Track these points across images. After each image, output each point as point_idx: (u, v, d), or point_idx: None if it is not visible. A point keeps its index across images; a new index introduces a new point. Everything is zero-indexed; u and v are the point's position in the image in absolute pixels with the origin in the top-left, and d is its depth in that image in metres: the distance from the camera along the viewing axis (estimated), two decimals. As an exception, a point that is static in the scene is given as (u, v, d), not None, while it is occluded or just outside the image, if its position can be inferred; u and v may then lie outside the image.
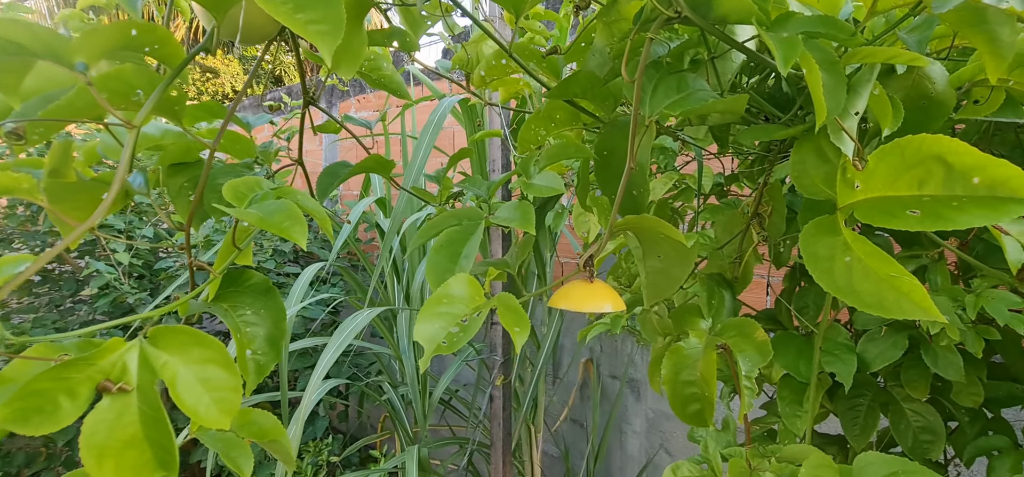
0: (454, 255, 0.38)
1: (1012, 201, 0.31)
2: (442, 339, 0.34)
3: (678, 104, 0.38)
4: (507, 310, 0.35)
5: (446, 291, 0.36)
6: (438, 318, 0.34)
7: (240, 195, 0.37)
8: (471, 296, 0.36)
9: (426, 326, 0.34)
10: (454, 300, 0.36)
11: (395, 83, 0.66)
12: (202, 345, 0.30)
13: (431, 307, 0.35)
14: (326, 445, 1.89)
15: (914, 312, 0.32)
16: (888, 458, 0.42)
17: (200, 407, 0.28)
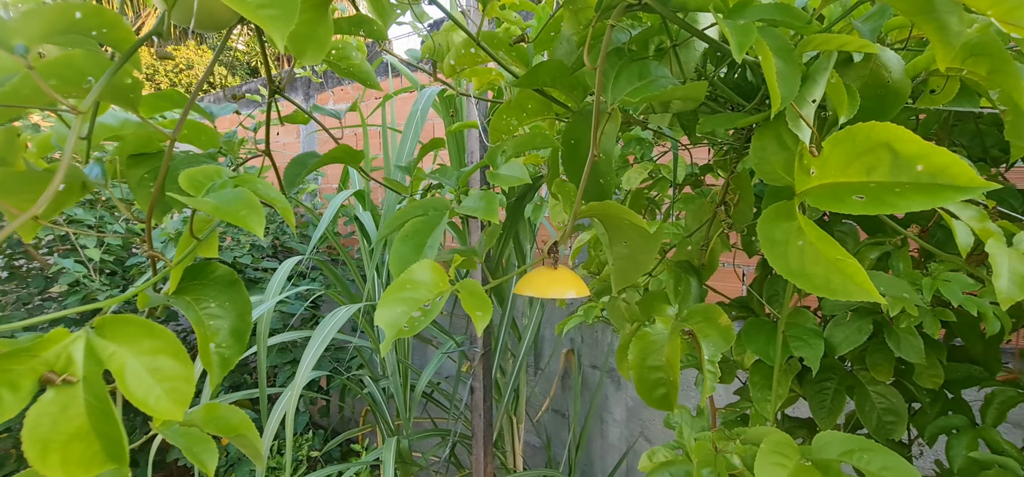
0: (419, 246, 0.38)
1: (950, 188, 0.32)
2: (404, 324, 0.34)
3: (639, 91, 0.38)
4: (469, 295, 0.35)
5: (410, 277, 0.36)
6: (400, 303, 0.34)
7: (197, 184, 0.36)
8: (435, 282, 0.36)
9: (387, 311, 0.34)
10: (417, 285, 0.36)
11: (365, 73, 0.65)
12: (152, 335, 0.29)
13: (393, 293, 0.35)
14: (306, 440, 1.88)
15: (857, 293, 0.33)
16: (846, 436, 0.43)
17: (150, 398, 0.27)
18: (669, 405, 0.49)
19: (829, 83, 0.42)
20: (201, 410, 0.43)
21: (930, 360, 0.85)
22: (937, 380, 0.86)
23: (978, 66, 0.46)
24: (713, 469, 0.46)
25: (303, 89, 3.11)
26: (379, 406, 1.77)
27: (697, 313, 0.49)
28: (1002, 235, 0.45)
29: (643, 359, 0.49)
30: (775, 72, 0.34)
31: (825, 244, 0.36)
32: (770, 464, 0.39)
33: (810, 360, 0.81)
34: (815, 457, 0.41)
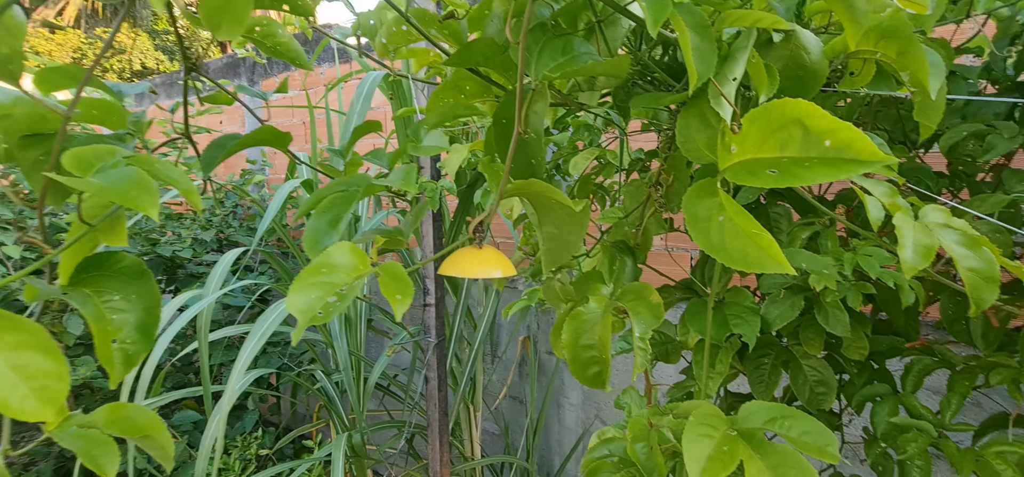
0: (335, 219, 0.36)
1: (854, 161, 0.33)
2: (318, 309, 0.32)
3: (562, 66, 0.38)
4: (390, 277, 0.34)
5: (326, 260, 0.34)
6: (315, 288, 0.33)
7: (85, 163, 0.33)
8: (355, 265, 0.35)
9: (300, 297, 0.32)
10: (334, 269, 0.34)
11: (292, 51, 0.62)
12: (16, 329, 0.27)
13: (307, 277, 0.33)
14: (255, 439, 1.82)
15: (771, 265, 0.34)
16: (770, 405, 0.45)
17: (13, 398, 0.25)
18: (602, 383, 0.49)
19: (749, 62, 0.43)
20: (103, 410, 0.40)
21: (856, 333, 0.90)
22: (863, 352, 0.91)
23: (889, 48, 0.48)
24: (646, 443, 0.47)
25: (247, 73, 2.97)
26: (332, 401, 1.73)
27: (630, 292, 0.50)
28: (909, 210, 0.47)
29: (576, 338, 0.49)
30: (690, 48, 0.34)
31: (743, 219, 0.37)
32: (697, 436, 0.40)
33: (748, 336, 0.84)
34: (741, 426, 0.43)
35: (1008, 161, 0.97)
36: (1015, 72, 0.90)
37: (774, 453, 0.39)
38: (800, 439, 0.41)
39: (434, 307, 1.49)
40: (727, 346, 0.93)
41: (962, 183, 0.92)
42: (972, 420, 0.94)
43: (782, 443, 0.45)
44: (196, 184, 0.63)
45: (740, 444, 0.40)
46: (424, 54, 0.73)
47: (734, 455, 0.38)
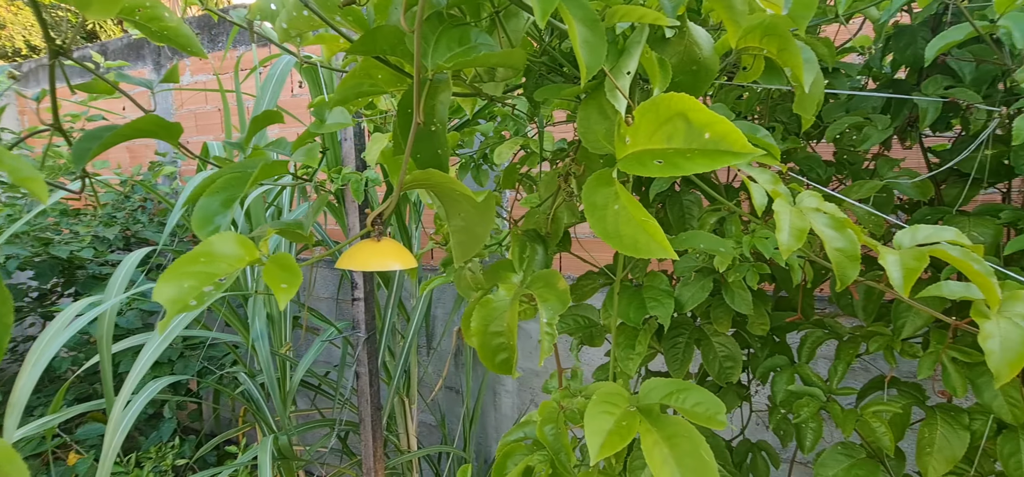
0: (229, 200, 0.34)
1: (729, 153, 0.35)
2: (191, 299, 0.30)
3: (458, 57, 0.38)
4: (276, 267, 0.33)
5: (207, 249, 0.32)
6: (190, 277, 0.31)
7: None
8: (239, 255, 0.33)
9: (170, 286, 0.30)
10: (216, 258, 0.32)
11: (183, 37, 0.57)
12: None
13: (183, 265, 0.31)
14: (171, 448, 1.70)
15: (658, 251, 0.36)
16: (667, 381, 0.48)
17: None
18: (509, 369, 0.50)
19: (643, 57, 0.45)
20: None
21: (758, 311, 0.98)
22: (764, 327, 0.99)
23: (771, 45, 0.51)
24: (555, 425, 0.49)
25: (152, 58, 2.73)
26: (256, 403, 1.65)
27: (539, 279, 0.51)
28: (789, 196, 0.52)
29: (485, 326, 0.49)
30: (580, 40, 0.35)
31: (635, 208, 0.39)
32: (598, 413, 0.42)
33: (663, 318, 0.88)
34: (641, 403, 0.45)
35: (886, 150, 1.08)
36: (891, 69, 1.00)
37: (669, 425, 0.41)
38: (693, 410, 0.44)
39: (363, 301, 1.45)
40: (645, 328, 0.98)
41: (847, 171, 1.01)
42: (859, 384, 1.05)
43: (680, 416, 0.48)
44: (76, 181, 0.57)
45: (638, 418, 0.42)
46: (334, 40, 0.70)
47: (632, 428, 0.41)
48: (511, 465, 0.57)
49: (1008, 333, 0.41)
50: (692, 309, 0.97)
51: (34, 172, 0.31)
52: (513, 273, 0.55)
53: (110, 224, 2.23)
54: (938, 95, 0.79)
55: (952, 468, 0.83)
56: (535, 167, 1.10)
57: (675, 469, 0.42)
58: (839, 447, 0.95)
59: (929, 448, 0.84)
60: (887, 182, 0.83)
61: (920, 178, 0.84)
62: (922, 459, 0.84)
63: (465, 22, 0.40)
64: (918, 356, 0.88)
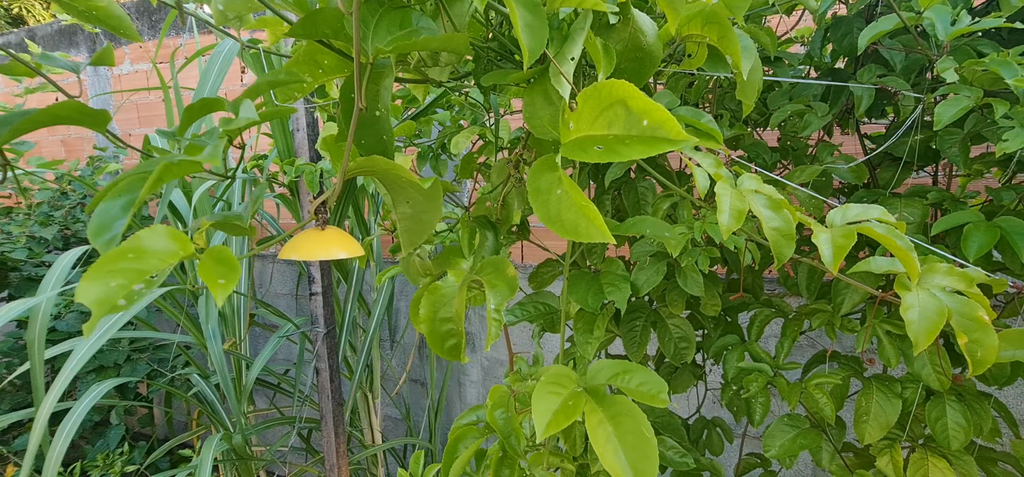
0: (130, 202, 0.32)
1: (665, 140, 0.36)
2: (120, 298, 0.29)
3: (399, 40, 0.37)
4: (212, 261, 0.32)
5: (136, 244, 0.31)
6: (116, 275, 0.29)
7: None
8: (173, 250, 0.32)
9: (96, 285, 0.29)
10: (145, 254, 0.31)
11: (115, 19, 0.54)
12: None
13: (109, 263, 0.30)
14: (119, 456, 1.62)
15: (597, 235, 0.36)
16: (613, 362, 0.49)
17: None
18: (459, 355, 0.50)
19: (587, 42, 0.45)
20: None
21: (710, 293, 1.01)
22: (716, 308, 1.02)
23: (711, 33, 0.53)
24: (505, 409, 0.49)
25: (87, 45, 2.57)
26: (211, 405, 1.59)
27: (488, 266, 0.51)
28: (731, 179, 0.53)
29: (434, 312, 0.49)
30: (521, 24, 0.35)
31: (577, 193, 0.39)
32: (546, 394, 0.42)
33: (619, 302, 0.90)
34: (588, 384, 0.46)
35: (827, 136, 1.13)
36: (831, 59, 1.04)
37: (613, 404, 0.43)
38: (638, 389, 0.46)
39: (322, 295, 1.42)
40: (603, 312, 1.00)
41: (791, 156, 1.06)
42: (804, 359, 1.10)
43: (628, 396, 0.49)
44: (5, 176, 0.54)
45: (584, 398, 0.43)
46: (277, 23, 0.68)
47: (577, 408, 0.41)
48: (462, 448, 0.57)
49: (926, 303, 0.44)
50: (648, 293, 0.99)
51: None
52: (463, 259, 0.55)
53: (46, 223, 2.09)
54: (871, 83, 0.83)
55: (886, 433, 0.88)
56: (490, 156, 1.10)
57: (618, 447, 0.43)
58: (785, 419, 1.00)
59: (866, 416, 0.89)
60: (826, 166, 0.87)
61: (856, 162, 0.88)
62: (859, 426, 0.90)
63: (406, 5, 0.40)
64: (856, 331, 0.94)
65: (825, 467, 1.01)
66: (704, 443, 1.27)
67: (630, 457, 0.41)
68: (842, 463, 0.99)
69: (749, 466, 1.25)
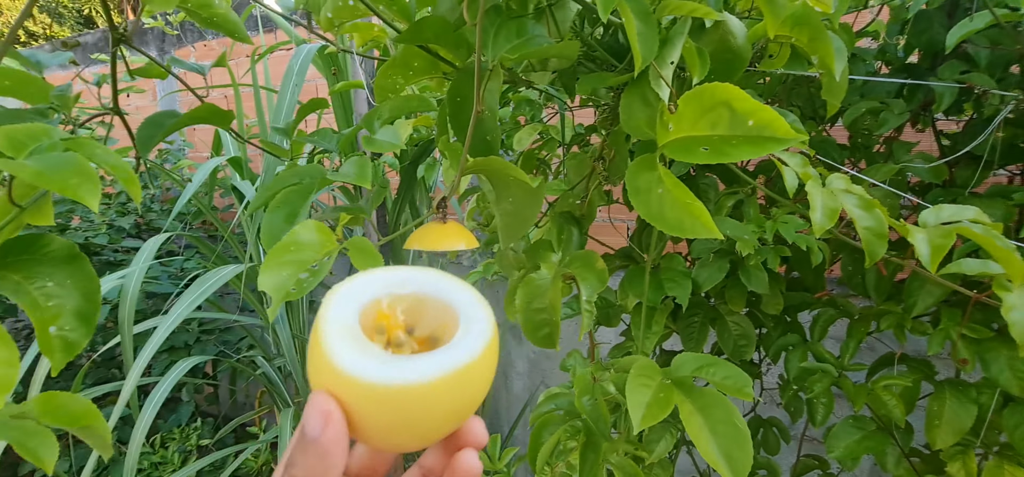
0: (291, 215, 0.37)
1: (773, 139, 0.37)
2: (291, 286, 0.33)
3: (517, 48, 0.40)
4: (359, 252, 0.35)
5: (294, 238, 0.35)
6: (285, 266, 0.33)
7: (18, 144, 0.31)
8: (322, 242, 0.36)
9: (272, 275, 0.33)
10: (302, 247, 0.35)
11: (231, 24, 0.59)
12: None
13: (277, 255, 0.34)
14: (194, 430, 1.74)
15: (702, 231, 0.38)
16: (697, 356, 0.50)
17: None
18: (552, 343, 0.53)
19: (685, 47, 0.47)
20: (36, 400, 0.38)
21: (773, 290, 1.01)
22: (778, 307, 1.02)
23: (801, 34, 0.53)
24: (591, 396, 0.51)
25: (156, 43, 2.72)
26: (275, 385, 1.68)
27: (577, 259, 0.53)
28: (818, 178, 0.54)
29: (529, 303, 0.52)
30: (636, 33, 0.37)
31: (680, 191, 0.41)
32: (637, 386, 0.44)
33: (681, 298, 0.91)
34: (673, 376, 0.48)
35: (899, 134, 1.10)
36: (904, 54, 1.01)
37: (702, 396, 0.44)
38: (723, 383, 0.47)
39: (380, 285, 1.48)
40: (662, 308, 1.01)
41: (861, 154, 1.04)
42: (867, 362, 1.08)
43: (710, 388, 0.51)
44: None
45: (674, 391, 0.45)
46: (367, 29, 0.72)
47: (669, 400, 0.43)
48: (546, 435, 0.60)
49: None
50: (707, 289, 1.00)
51: (129, 172, 0.33)
52: (552, 253, 0.57)
53: (123, 212, 2.25)
54: (954, 80, 0.80)
55: (959, 439, 0.86)
56: (552, 153, 1.12)
57: (710, 437, 0.45)
58: (850, 420, 0.99)
59: (937, 420, 0.87)
60: (904, 165, 0.85)
61: (936, 162, 0.86)
62: (931, 431, 0.88)
63: (521, 14, 0.42)
64: (928, 333, 0.91)
65: (890, 471, 0.99)
66: (759, 442, 1.26)
67: (722, 446, 0.43)
68: (909, 467, 0.97)
69: (807, 467, 1.23)
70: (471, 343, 0.24)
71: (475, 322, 0.26)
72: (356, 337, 0.24)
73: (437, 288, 0.27)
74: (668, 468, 0.97)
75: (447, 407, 0.24)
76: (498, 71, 0.44)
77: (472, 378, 0.24)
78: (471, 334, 0.25)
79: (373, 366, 0.22)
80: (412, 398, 0.22)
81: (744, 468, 0.41)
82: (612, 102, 0.83)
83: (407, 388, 0.22)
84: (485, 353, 0.25)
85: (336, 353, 0.23)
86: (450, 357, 0.24)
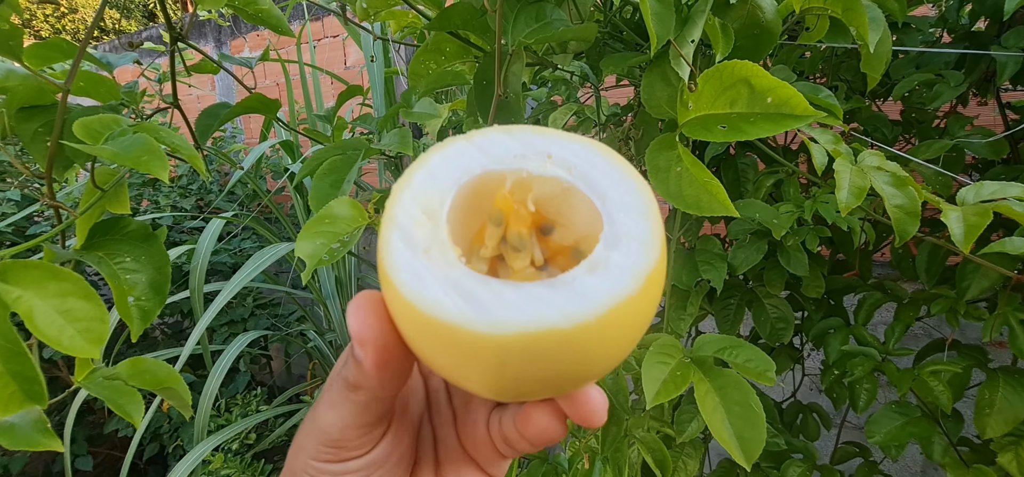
0: (337, 182, 0.40)
1: (791, 117, 0.37)
2: (323, 254, 0.36)
3: (536, 32, 0.41)
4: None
5: (329, 211, 0.38)
6: (319, 236, 0.37)
7: (94, 132, 0.36)
8: (354, 216, 0.39)
9: (307, 243, 0.36)
10: (336, 220, 0.38)
11: (274, 18, 0.63)
12: (59, 278, 0.30)
13: (313, 226, 0.37)
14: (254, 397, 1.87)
15: (719, 209, 0.38)
16: (720, 337, 0.51)
17: (63, 338, 0.29)
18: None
19: (706, 24, 0.47)
20: (125, 364, 0.44)
21: (814, 273, 0.98)
22: (819, 290, 0.99)
23: (835, 5, 0.52)
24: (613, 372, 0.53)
25: (213, 35, 2.87)
26: (326, 358, 1.78)
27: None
28: (850, 155, 0.53)
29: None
30: (651, 13, 0.38)
31: (698, 169, 0.42)
32: (655, 362, 0.45)
33: (715, 281, 0.90)
34: (694, 355, 0.48)
35: (962, 106, 1.03)
36: (969, 21, 0.95)
37: (720, 376, 0.45)
38: (745, 365, 0.47)
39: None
40: (697, 289, 1.00)
41: (915, 130, 0.98)
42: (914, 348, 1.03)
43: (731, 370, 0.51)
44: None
45: (692, 369, 0.45)
46: (402, 15, 0.74)
47: (686, 378, 0.44)
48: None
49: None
50: (743, 271, 0.98)
51: (190, 146, 0.38)
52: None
53: (185, 195, 2.41)
54: (1020, 48, 0.75)
55: (1011, 429, 0.82)
56: (589, 132, 1.12)
57: (724, 417, 0.46)
58: (893, 406, 0.96)
59: (989, 408, 0.83)
60: (958, 141, 0.80)
61: (995, 137, 0.81)
62: (980, 419, 0.84)
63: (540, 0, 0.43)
64: (983, 319, 0.87)
65: (937, 460, 0.95)
66: (798, 427, 1.24)
67: (736, 426, 0.44)
68: (957, 457, 0.93)
69: (847, 454, 1.20)
70: (618, 274, 0.16)
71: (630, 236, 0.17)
72: (435, 239, 0.17)
73: (592, 171, 0.18)
74: (700, 448, 0.97)
75: (552, 371, 0.16)
76: (520, 55, 0.46)
77: (607, 333, 0.16)
78: (624, 252, 0.16)
79: (446, 294, 0.15)
80: (500, 351, 0.15)
81: (756, 449, 0.41)
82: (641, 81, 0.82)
83: (493, 338, 0.15)
84: (642, 290, 0.16)
85: (396, 263, 0.16)
86: (580, 292, 0.15)
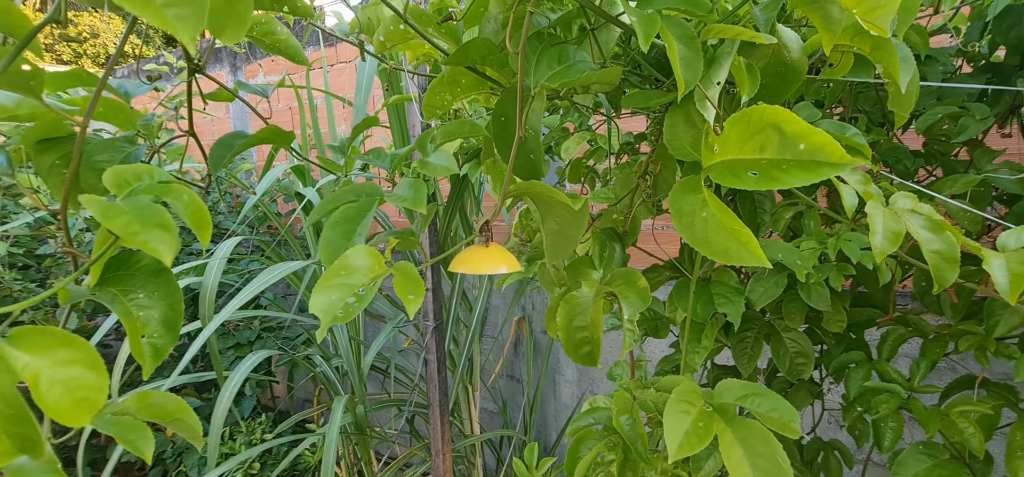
0: (348, 233, 0.39)
1: (827, 164, 0.36)
2: (339, 310, 0.35)
3: (559, 75, 0.40)
4: (404, 278, 0.37)
5: (345, 262, 0.37)
6: (335, 289, 0.35)
7: (123, 182, 0.35)
8: (371, 266, 0.38)
9: (322, 297, 0.35)
10: (353, 271, 0.37)
11: (291, 48, 0.63)
12: (68, 346, 0.29)
13: (328, 278, 0.36)
14: (258, 423, 1.85)
15: (749, 259, 0.37)
16: (742, 383, 0.49)
17: (61, 407, 0.28)
18: (593, 361, 0.53)
19: (732, 65, 0.46)
20: (134, 397, 0.43)
21: (835, 307, 0.95)
22: (841, 324, 0.96)
23: (863, 44, 0.51)
24: (630, 416, 0.51)
25: (229, 60, 2.92)
26: (332, 383, 1.76)
27: (619, 276, 0.53)
28: (881, 196, 0.51)
29: (570, 320, 0.52)
30: (678, 58, 0.37)
31: (725, 216, 0.40)
32: (677, 411, 0.43)
33: (732, 316, 0.88)
34: (716, 402, 0.46)
35: (983, 138, 1.01)
36: (989, 51, 0.93)
37: (744, 427, 0.43)
38: (767, 415, 0.45)
39: (431, 291, 1.52)
40: (713, 322, 0.97)
41: (937, 162, 0.96)
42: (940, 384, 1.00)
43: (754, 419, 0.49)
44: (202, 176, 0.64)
45: (715, 419, 0.43)
46: (418, 46, 0.74)
47: (709, 429, 0.42)
48: (584, 449, 0.60)
49: None
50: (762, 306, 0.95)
51: (206, 215, 0.37)
52: (593, 270, 0.57)
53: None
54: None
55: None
56: (601, 162, 1.11)
57: (749, 471, 0.43)
58: (921, 446, 0.92)
59: (1021, 451, 0.79)
60: (986, 175, 0.78)
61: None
62: (1012, 462, 0.80)
63: (562, 41, 0.43)
64: (1015, 357, 0.83)
65: (968, 505, 0.91)
66: (819, 466, 1.20)
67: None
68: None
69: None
70: None
71: None
72: None
73: None
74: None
75: None
76: (541, 93, 0.45)
77: None
78: None
79: None
80: None
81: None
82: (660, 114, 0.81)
83: None
84: None
85: None
86: None
